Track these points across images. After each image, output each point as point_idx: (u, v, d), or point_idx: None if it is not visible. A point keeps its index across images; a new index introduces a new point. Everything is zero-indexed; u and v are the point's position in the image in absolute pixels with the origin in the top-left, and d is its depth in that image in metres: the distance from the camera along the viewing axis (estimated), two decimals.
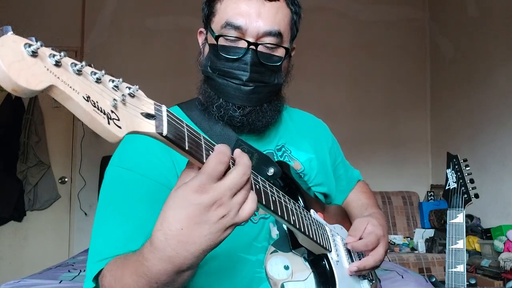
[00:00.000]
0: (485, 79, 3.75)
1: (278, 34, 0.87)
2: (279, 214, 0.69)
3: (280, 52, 0.89)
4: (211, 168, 0.53)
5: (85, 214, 4.03)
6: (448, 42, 4.38)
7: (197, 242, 0.54)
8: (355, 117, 4.50)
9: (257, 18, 0.85)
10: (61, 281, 1.92)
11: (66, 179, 4.12)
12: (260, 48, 0.86)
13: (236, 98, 0.87)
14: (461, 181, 1.39)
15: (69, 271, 2.17)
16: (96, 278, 0.74)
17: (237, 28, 0.85)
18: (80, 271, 2.15)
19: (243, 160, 0.56)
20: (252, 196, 0.58)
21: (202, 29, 0.96)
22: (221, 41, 0.86)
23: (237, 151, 0.57)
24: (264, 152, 0.90)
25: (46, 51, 0.40)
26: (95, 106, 0.42)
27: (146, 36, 4.22)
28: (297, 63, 1.06)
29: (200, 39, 0.97)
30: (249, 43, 0.85)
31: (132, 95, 0.48)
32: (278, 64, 0.89)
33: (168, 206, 0.55)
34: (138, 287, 0.61)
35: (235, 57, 0.86)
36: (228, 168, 0.55)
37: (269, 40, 0.86)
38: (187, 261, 0.55)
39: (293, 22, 0.92)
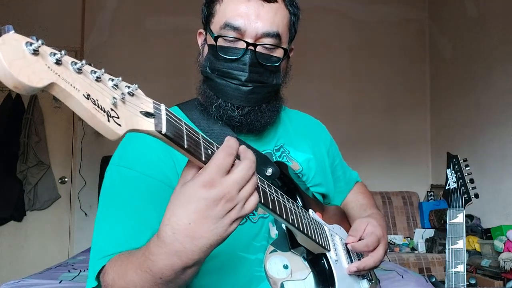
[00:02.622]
0: (485, 78, 3.75)
1: (277, 35, 0.87)
2: (278, 213, 0.69)
3: (279, 53, 0.89)
4: (219, 161, 0.54)
5: (85, 214, 4.03)
6: (447, 42, 4.39)
7: (205, 236, 0.54)
8: (355, 117, 4.51)
9: (256, 19, 0.85)
10: (61, 281, 1.92)
11: (66, 179, 4.12)
12: (258, 48, 0.86)
13: (235, 98, 0.87)
14: (461, 181, 1.39)
15: (69, 271, 2.17)
16: (98, 276, 0.74)
17: (236, 29, 0.85)
18: (80, 271, 2.16)
19: (248, 155, 0.57)
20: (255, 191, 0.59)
21: (202, 30, 0.97)
22: (220, 42, 0.87)
23: (242, 147, 0.58)
24: (263, 152, 0.90)
25: (47, 49, 0.40)
26: (95, 104, 0.42)
27: (146, 36, 4.23)
28: (297, 63, 1.06)
29: (200, 40, 0.98)
30: (248, 44, 0.85)
31: (131, 94, 0.48)
32: (277, 64, 0.89)
33: (175, 201, 0.55)
34: (142, 282, 0.62)
35: (234, 57, 0.86)
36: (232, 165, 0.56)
37: (267, 41, 0.87)
38: (194, 256, 0.56)
39: (292, 23, 0.93)
